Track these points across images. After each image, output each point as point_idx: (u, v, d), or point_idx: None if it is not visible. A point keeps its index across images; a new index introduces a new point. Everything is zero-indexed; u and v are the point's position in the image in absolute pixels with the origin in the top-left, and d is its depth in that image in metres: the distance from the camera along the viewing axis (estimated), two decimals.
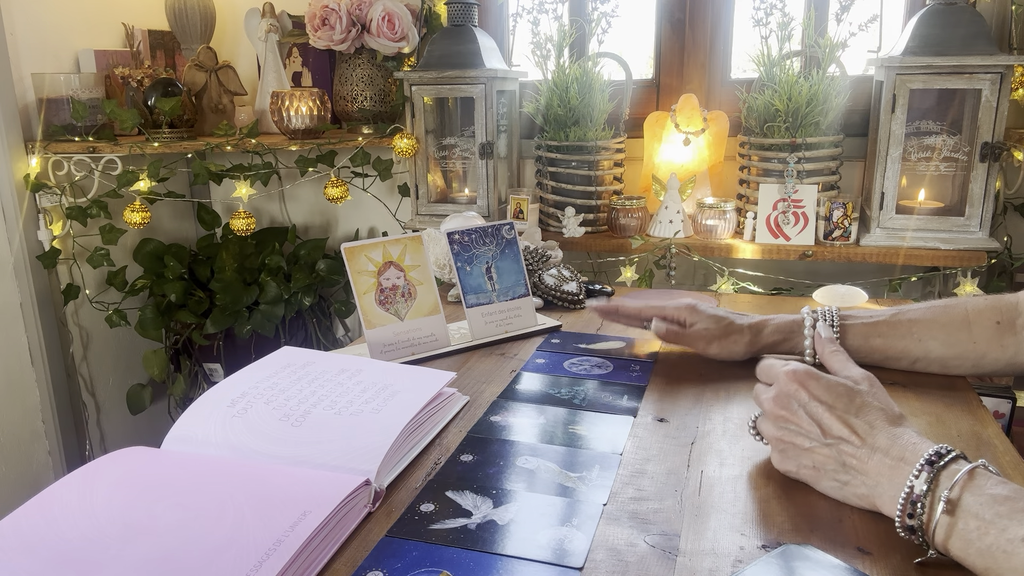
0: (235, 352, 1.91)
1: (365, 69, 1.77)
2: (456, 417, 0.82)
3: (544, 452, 0.73)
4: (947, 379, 0.87)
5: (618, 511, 0.63)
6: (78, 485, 0.63)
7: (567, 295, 1.21)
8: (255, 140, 1.72)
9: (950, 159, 1.44)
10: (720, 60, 1.72)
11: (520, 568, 0.56)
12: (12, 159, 1.64)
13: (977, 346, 0.82)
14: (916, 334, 0.85)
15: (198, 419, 0.74)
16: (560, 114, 1.59)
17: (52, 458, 1.77)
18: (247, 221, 1.74)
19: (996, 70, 1.33)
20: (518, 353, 1.02)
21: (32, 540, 0.56)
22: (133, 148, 1.68)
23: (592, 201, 1.63)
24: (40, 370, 1.73)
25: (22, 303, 1.68)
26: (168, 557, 0.54)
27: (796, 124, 1.47)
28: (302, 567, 0.55)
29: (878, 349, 0.86)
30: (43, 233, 1.72)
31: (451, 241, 1.05)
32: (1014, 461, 0.70)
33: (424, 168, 1.69)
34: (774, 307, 1.21)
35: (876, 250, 1.45)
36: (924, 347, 0.85)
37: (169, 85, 1.74)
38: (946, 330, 0.84)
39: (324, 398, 0.78)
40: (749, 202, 1.55)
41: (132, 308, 1.88)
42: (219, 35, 1.98)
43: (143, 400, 1.94)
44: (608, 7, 1.56)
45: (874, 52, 1.49)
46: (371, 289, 0.99)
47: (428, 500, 0.65)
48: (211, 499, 0.61)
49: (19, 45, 1.67)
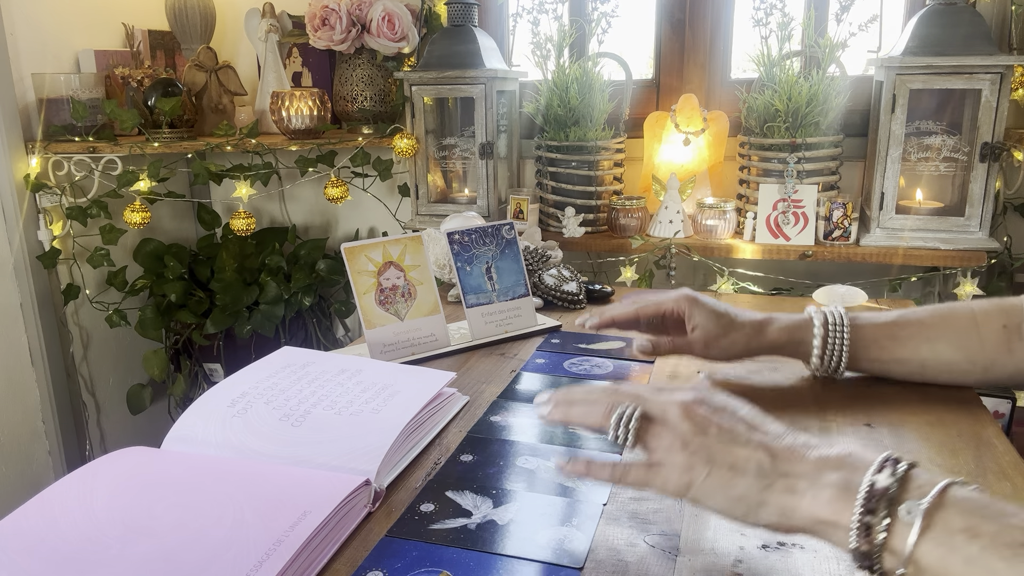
0: (235, 352, 1.91)
1: (365, 69, 1.77)
2: (456, 417, 0.82)
3: (544, 452, 0.73)
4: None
5: (618, 511, 0.63)
6: (78, 485, 0.63)
7: (567, 295, 1.21)
8: (255, 140, 1.72)
9: (950, 159, 1.44)
10: (720, 60, 1.72)
11: (520, 568, 0.56)
12: (12, 159, 1.64)
13: (986, 350, 0.80)
14: (925, 334, 0.82)
15: (198, 419, 0.74)
16: (560, 114, 1.59)
17: (52, 458, 1.77)
18: (247, 221, 1.74)
19: (996, 70, 1.33)
20: (518, 353, 1.02)
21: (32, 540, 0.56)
22: (133, 148, 1.68)
23: (592, 201, 1.63)
24: (40, 370, 1.73)
25: (22, 303, 1.68)
26: (168, 557, 0.54)
27: (796, 124, 1.47)
28: (302, 567, 0.55)
29: (887, 350, 0.83)
30: (43, 233, 1.72)
31: (451, 241, 1.05)
32: (1014, 461, 0.70)
33: (424, 168, 1.69)
34: (774, 307, 1.21)
35: (876, 250, 1.45)
36: (934, 348, 0.82)
37: (169, 85, 1.74)
38: (955, 331, 0.82)
39: (324, 398, 0.78)
40: (749, 202, 1.56)
41: (132, 308, 1.88)
42: (219, 35, 1.98)
43: (143, 400, 1.94)
44: (608, 7, 1.56)
45: (874, 52, 1.49)
46: (371, 289, 0.99)
47: (428, 500, 0.65)
48: (211, 499, 0.61)
49: (19, 45, 1.67)
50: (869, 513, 0.47)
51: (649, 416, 0.57)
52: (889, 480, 0.47)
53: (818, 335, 0.84)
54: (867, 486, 0.48)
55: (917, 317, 0.83)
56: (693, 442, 0.55)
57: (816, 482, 0.50)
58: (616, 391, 0.60)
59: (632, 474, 0.57)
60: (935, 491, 0.46)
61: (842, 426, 0.78)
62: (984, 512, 0.45)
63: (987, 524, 0.44)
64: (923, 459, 0.71)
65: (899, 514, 0.46)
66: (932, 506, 0.45)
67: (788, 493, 0.51)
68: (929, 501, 0.45)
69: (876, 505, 0.47)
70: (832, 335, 0.83)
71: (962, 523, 0.44)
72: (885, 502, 0.47)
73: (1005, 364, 0.80)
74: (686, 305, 0.86)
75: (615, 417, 0.58)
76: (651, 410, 0.57)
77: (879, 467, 0.48)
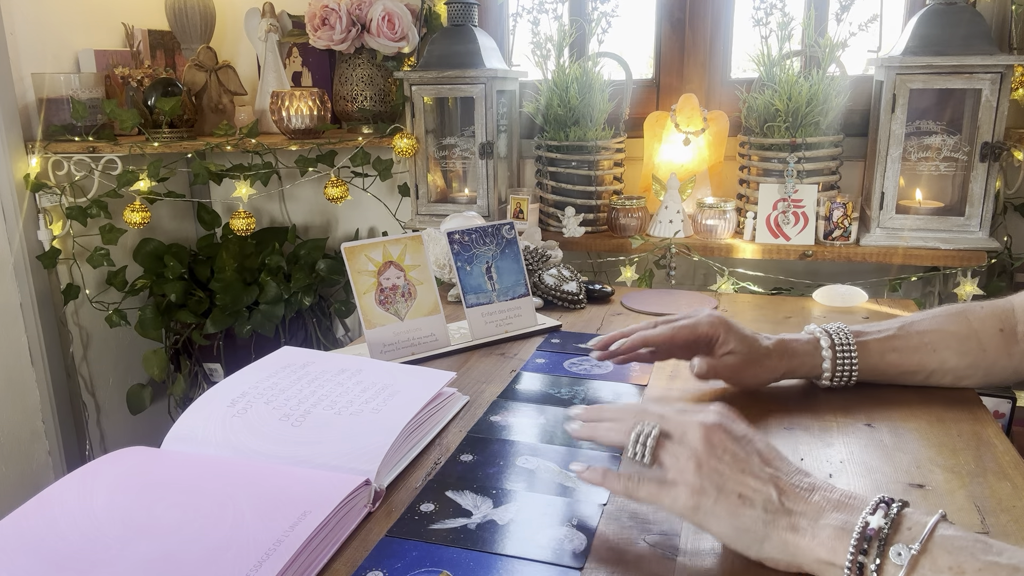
0: (235, 352, 1.91)
1: (365, 69, 1.77)
2: (456, 417, 0.82)
3: (544, 452, 0.73)
4: None
5: (618, 511, 0.63)
6: (78, 485, 0.63)
7: (567, 295, 1.21)
8: (255, 140, 1.72)
9: (950, 159, 1.44)
10: (720, 60, 1.72)
11: (520, 568, 0.56)
12: (12, 159, 1.64)
13: (987, 354, 0.81)
14: (929, 344, 0.82)
15: (198, 419, 0.74)
16: (560, 114, 1.59)
17: (52, 458, 1.77)
18: (247, 221, 1.74)
19: (996, 70, 1.33)
20: (518, 353, 1.02)
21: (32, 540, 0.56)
22: (133, 148, 1.68)
23: (592, 201, 1.63)
24: (40, 370, 1.73)
25: (22, 303, 1.68)
26: (168, 557, 0.54)
27: (796, 124, 1.47)
28: (302, 567, 0.55)
29: (894, 364, 0.83)
30: (43, 233, 1.72)
31: (451, 241, 1.05)
32: (1014, 461, 0.70)
33: (424, 168, 1.69)
34: (774, 307, 1.21)
35: (876, 250, 1.45)
36: (939, 357, 0.82)
37: (169, 85, 1.74)
38: (956, 338, 0.82)
39: (324, 398, 0.78)
40: (749, 202, 1.56)
41: (132, 308, 1.88)
42: (219, 35, 1.98)
43: (143, 400, 1.94)
44: (608, 7, 1.56)
45: (874, 52, 1.49)
46: (371, 289, 0.99)
47: (428, 500, 0.65)
48: (211, 499, 0.61)
49: (19, 45, 1.67)
50: (862, 553, 0.49)
51: (667, 434, 0.59)
52: (882, 521, 0.50)
53: (827, 358, 0.83)
54: (860, 527, 0.50)
55: (917, 327, 0.83)
56: (707, 465, 0.56)
57: (817, 522, 0.52)
58: (643, 411, 0.62)
59: (643, 489, 0.58)
60: (924, 533, 0.48)
61: (842, 426, 0.78)
62: (971, 550, 0.47)
63: (972, 562, 0.46)
64: (923, 459, 0.71)
65: (889, 555, 0.48)
66: (921, 549, 0.47)
67: (791, 531, 0.53)
68: (919, 545, 0.47)
69: (869, 546, 0.49)
70: (841, 356, 0.83)
71: (949, 561, 0.46)
72: (877, 543, 0.49)
73: (1005, 366, 0.82)
74: (721, 330, 0.83)
75: (635, 434, 0.59)
76: (670, 429, 0.59)
77: (873, 508, 0.51)
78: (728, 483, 0.55)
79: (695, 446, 0.57)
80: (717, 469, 0.56)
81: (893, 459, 0.71)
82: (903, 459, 0.71)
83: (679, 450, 0.57)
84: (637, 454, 0.58)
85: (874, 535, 0.49)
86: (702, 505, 0.55)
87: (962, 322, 0.82)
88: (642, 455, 0.58)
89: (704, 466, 0.56)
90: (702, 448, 0.56)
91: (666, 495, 0.57)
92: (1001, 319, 0.82)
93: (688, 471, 0.56)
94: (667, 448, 0.58)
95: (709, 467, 0.56)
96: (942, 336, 0.82)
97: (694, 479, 0.56)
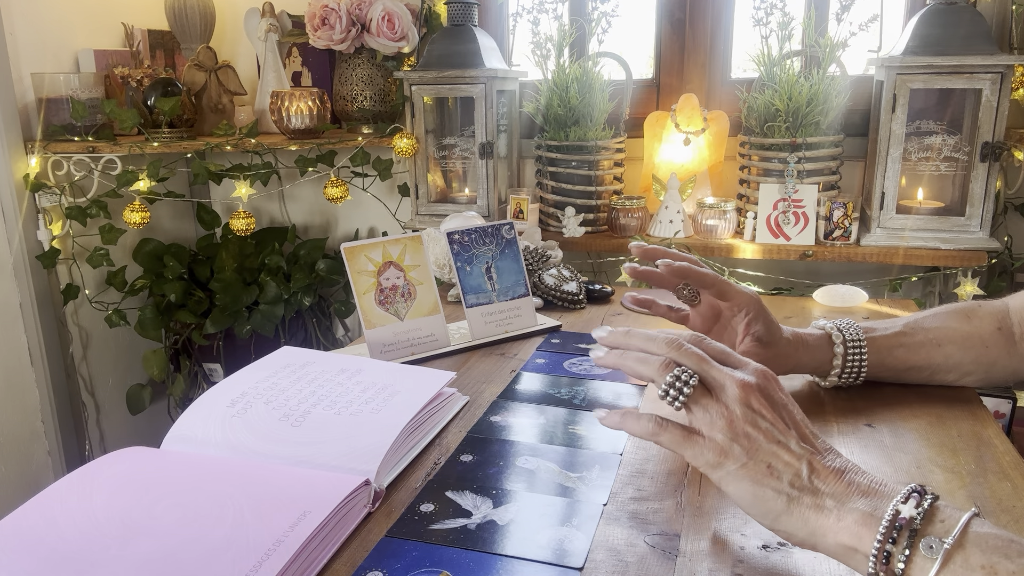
0: (235, 352, 1.91)
1: (365, 69, 1.77)
2: (456, 417, 0.82)
3: (544, 452, 0.73)
4: None
5: (618, 511, 0.63)
6: (78, 485, 0.63)
7: (567, 295, 1.21)
8: (255, 140, 1.72)
9: (950, 159, 1.44)
10: (720, 60, 1.72)
11: (520, 568, 0.56)
12: (12, 159, 1.64)
13: (989, 351, 0.82)
14: (935, 340, 0.83)
15: (198, 419, 0.74)
16: (560, 114, 1.59)
17: (52, 458, 1.77)
18: (247, 221, 1.73)
19: (996, 70, 1.33)
20: (518, 353, 1.01)
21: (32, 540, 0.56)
22: (133, 148, 1.68)
23: (592, 201, 1.63)
24: (40, 370, 1.73)
25: (22, 303, 1.68)
26: (168, 557, 0.54)
27: (796, 124, 1.47)
28: (302, 567, 0.55)
29: (901, 359, 0.83)
30: (43, 233, 1.72)
31: (451, 241, 1.05)
32: (1014, 461, 0.70)
33: (424, 168, 1.69)
34: (774, 307, 1.21)
35: (876, 250, 1.45)
36: (943, 352, 0.83)
37: (169, 85, 1.74)
38: (960, 334, 0.82)
39: (324, 398, 0.78)
40: (749, 202, 1.55)
41: (132, 308, 1.88)
42: (219, 35, 1.97)
43: (143, 400, 1.94)
44: (608, 7, 1.56)
45: (874, 52, 1.49)
46: (371, 289, 0.98)
47: (428, 500, 0.65)
48: (211, 499, 0.61)
49: (19, 45, 1.67)
50: (891, 542, 0.47)
51: (706, 384, 0.57)
52: (914, 511, 0.48)
53: (839, 354, 0.82)
54: (891, 514, 0.48)
55: (923, 324, 0.84)
56: (740, 428, 0.55)
57: (844, 505, 0.51)
58: (679, 346, 0.58)
59: (667, 434, 0.57)
60: (958, 528, 0.46)
61: (842, 426, 0.77)
62: (1005, 550, 0.45)
63: (1007, 563, 0.44)
64: (923, 459, 0.71)
65: (920, 547, 0.46)
66: (955, 544, 0.46)
67: (814, 510, 0.52)
68: (952, 540, 0.46)
69: (899, 535, 0.47)
70: (851, 351, 0.82)
71: (982, 560, 0.45)
72: (908, 533, 0.47)
73: (1005, 366, 0.82)
74: (755, 308, 0.80)
75: (671, 376, 0.57)
76: (710, 380, 0.57)
77: (905, 497, 0.49)
78: (759, 452, 0.54)
79: (731, 405, 0.55)
80: (749, 435, 0.54)
81: (893, 459, 0.71)
82: (903, 459, 0.71)
83: (713, 405, 0.56)
84: (669, 397, 0.56)
85: (905, 525, 0.47)
86: (726, 466, 0.54)
87: (965, 319, 0.83)
88: (674, 400, 0.56)
89: (737, 428, 0.54)
90: (739, 409, 0.55)
91: (690, 447, 0.56)
92: (998, 319, 0.82)
93: (718, 428, 0.55)
94: (701, 399, 0.56)
95: (742, 431, 0.54)
96: (947, 332, 0.83)
97: (723, 439, 0.54)
